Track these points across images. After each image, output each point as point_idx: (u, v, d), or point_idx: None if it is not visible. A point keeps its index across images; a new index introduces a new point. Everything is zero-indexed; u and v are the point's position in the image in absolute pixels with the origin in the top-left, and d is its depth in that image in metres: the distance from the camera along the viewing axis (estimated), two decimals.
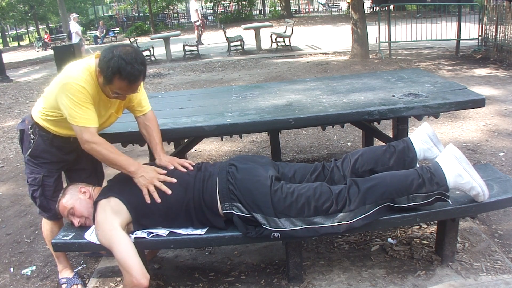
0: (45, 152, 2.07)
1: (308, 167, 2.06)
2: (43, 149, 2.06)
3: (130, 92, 1.87)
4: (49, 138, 2.05)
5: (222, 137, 3.94)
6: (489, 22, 8.08)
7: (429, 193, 1.80)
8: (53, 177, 2.13)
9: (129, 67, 1.74)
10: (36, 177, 2.10)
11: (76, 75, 1.82)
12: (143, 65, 1.81)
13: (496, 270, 2.03)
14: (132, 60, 1.76)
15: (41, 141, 2.04)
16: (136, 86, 1.85)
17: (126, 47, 1.82)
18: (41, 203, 2.15)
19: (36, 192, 2.12)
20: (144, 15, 26.58)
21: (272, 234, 1.80)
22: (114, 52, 1.77)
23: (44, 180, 2.10)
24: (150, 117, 2.16)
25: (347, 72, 7.59)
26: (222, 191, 1.86)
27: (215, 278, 2.21)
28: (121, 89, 1.82)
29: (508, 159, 3.44)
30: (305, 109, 2.37)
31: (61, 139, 2.05)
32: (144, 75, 1.83)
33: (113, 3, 37.11)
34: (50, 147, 2.06)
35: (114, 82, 1.78)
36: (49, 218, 2.21)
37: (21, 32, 35.95)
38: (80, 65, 1.87)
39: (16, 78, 11.28)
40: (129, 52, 1.78)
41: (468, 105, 2.37)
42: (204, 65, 10.27)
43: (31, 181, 2.12)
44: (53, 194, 2.13)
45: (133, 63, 1.76)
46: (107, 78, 1.78)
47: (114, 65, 1.74)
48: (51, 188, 2.13)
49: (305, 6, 30.62)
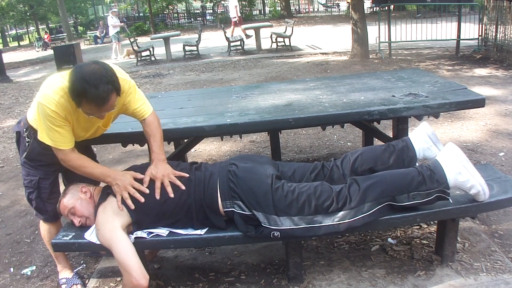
0: (40, 155, 2.05)
1: (307, 166, 2.06)
2: (38, 152, 2.04)
3: (103, 111, 1.77)
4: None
5: (222, 137, 3.94)
6: (489, 22, 8.08)
7: (429, 191, 1.80)
8: (49, 179, 2.12)
9: (93, 90, 1.63)
10: (32, 179, 2.09)
11: (48, 98, 1.76)
12: (111, 83, 1.69)
13: (496, 270, 2.03)
14: (97, 81, 1.64)
15: (37, 144, 2.02)
16: (108, 106, 1.73)
17: (91, 65, 1.71)
18: (37, 205, 2.14)
19: (32, 194, 2.11)
20: (144, 15, 26.57)
21: (272, 233, 1.80)
22: (77, 75, 1.67)
23: (40, 183, 2.09)
24: (149, 122, 2.06)
25: (347, 72, 7.59)
26: (223, 189, 1.86)
27: (215, 278, 2.21)
28: (91, 110, 1.73)
29: (508, 159, 3.44)
30: (305, 109, 2.37)
31: None
32: (115, 92, 1.73)
33: (113, 3, 37.09)
34: (45, 150, 2.02)
35: (83, 105, 1.70)
36: (45, 220, 2.21)
37: (21, 32, 35.91)
38: (56, 83, 1.80)
39: (16, 78, 11.29)
40: (94, 72, 1.67)
41: (468, 105, 2.37)
42: (204, 65, 10.27)
43: (27, 183, 2.11)
44: (49, 196, 2.12)
45: (98, 84, 1.64)
46: (75, 102, 1.71)
47: (78, 89, 1.65)
48: (47, 190, 2.12)
49: (305, 6, 30.60)
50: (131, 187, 1.87)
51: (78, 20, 31.57)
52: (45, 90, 1.80)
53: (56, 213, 2.16)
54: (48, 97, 1.77)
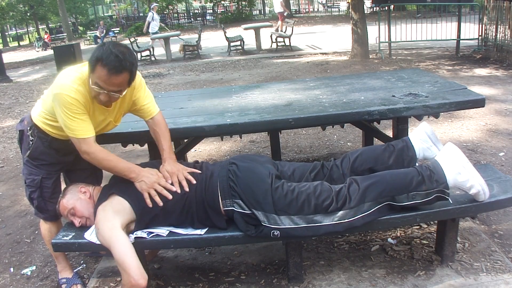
0: (43, 154, 2.05)
1: (307, 166, 2.06)
2: (41, 151, 2.04)
3: (109, 85, 1.74)
4: (48, 140, 2.03)
5: (222, 137, 3.94)
6: (489, 22, 8.08)
7: (429, 191, 1.80)
8: (52, 178, 2.12)
9: (112, 56, 1.69)
10: (34, 179, 2.08)
11: (67, 86, 1.78)
12: (130, 64, 1.74)
13: (496, 270, 2.03)
14: (119, 53, 1.71)
15: (40, 143, 2.03)
16: (116, 81, 1.73)
17: (121, 45, 1.79)
18: (39, 204, 2.14)
19: (34, 193, 2.11)
20: (144, 15, 26.56)
21: (272, 232, 1.80)
22: (106, 44, 1.75)
23: (43, 182, 2.09)
24: (158, 121, 2.08)
25: (347, 72, 7.59)
26: (223, 188, 1.86)
27: (215, 278, 2.21)
28: (100, 78, 1.72)
29: (508, 159, 3.44)
30: (305, 109, 2.37)
31: (60, 141, 2.03)
32: (129, 74, 1.76)
33: (113, 3, 37.11)
34: (49, 149, 2.04)
35: (96, 69, 1.72)
36: (46, 219, 2.20)
37: (21, 32, 35.93)
38: (72, 73, 1.83)
39: (16, 78, 11.29)
40: (120, 47, 1.75)
41: (468, 105, 2.37)
42: (204, 65, 10.28)
43: (30, 182, 2.10)
44: (51, 195, 2.12)
45: (119, 55, 1.70)
46: (91, 64, 1.73)
47: (99, 51, 1.71)
48: (49, 190, 2.11)
49: (305, 6, 30.60)
50: (158, 184, 1.89)
51: (78, 20, 31.58)
52: (62, 81, 1.81)
53: (56, 212, 2.16)
54: (67, 86, 1.78)
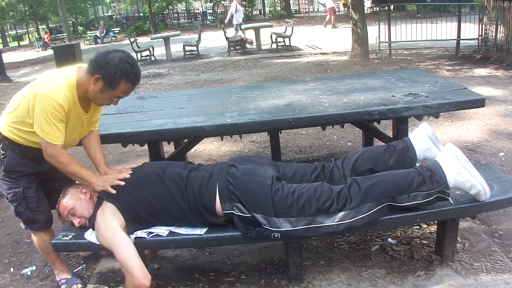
0: (20, 165, 2.01)
1: (308, 167, 2.06)
2: (17, 162, 1.99)
3: (128, 94, 1.94)
4: (21, 150, 1.98)
5: (222, 137, 3.94)
6: (489, 22, 8.08)
7: (429, 191, 1.80)
8: (33, 187, 2.07)
9: (134, 69, 1.83)
10: (16, 192, 2.03)
11: (57, 91, 1.79)
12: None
13: (496, 270, 2.03)
14: (135, 62, 1.86)
15: (13, 155, 1.98)
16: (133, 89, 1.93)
17: (119, 51, 1.86)
18: (28, 216, 2.09)
19: (20, 206, 2.05)
20: (144, 15, 26.58)
21: (272, 234, 1.80)
22: (115, 58, 1.81)
23: (25, 192, 2.04)
24: (97, 134, 2.18)
25: (347, 72, 7.59)
26: (222, 192, 1.86)
27: (215, 278, 2.21)
28: (125, 92, 1.88)
29: (508, 159, 3.44)
30: (305, 109, 2.37)
31: (33, 149, 1.98)
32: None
33: (113, 3, 37.11)
34: (24, 159, 1.99)
35: (120, 86, 1.83)
36: (37, 230, 2.15)
37: (21, 32, 35.89)
38: (61, 78, 1.85)
39: (16, 78, 11.28)
40: (129, 56, 1.86)
41: (468, 105, 2.37)
42: (204, 65, 10.27)
43: (12, 196, 2.04)
44: (37, 204, 2.08)
45: (135, 65, 1.86)
46: (113, 82, 1.81)
47: (122, 69, 1.79)
48: (34, 199, 2.07)
49: (305, 6, 30.60)
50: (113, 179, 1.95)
51: (78, 20, 31.57)
52: (51, 85, 1.81)
53: (47, 220, 2.14)
54: (56, 90, 1.79)
